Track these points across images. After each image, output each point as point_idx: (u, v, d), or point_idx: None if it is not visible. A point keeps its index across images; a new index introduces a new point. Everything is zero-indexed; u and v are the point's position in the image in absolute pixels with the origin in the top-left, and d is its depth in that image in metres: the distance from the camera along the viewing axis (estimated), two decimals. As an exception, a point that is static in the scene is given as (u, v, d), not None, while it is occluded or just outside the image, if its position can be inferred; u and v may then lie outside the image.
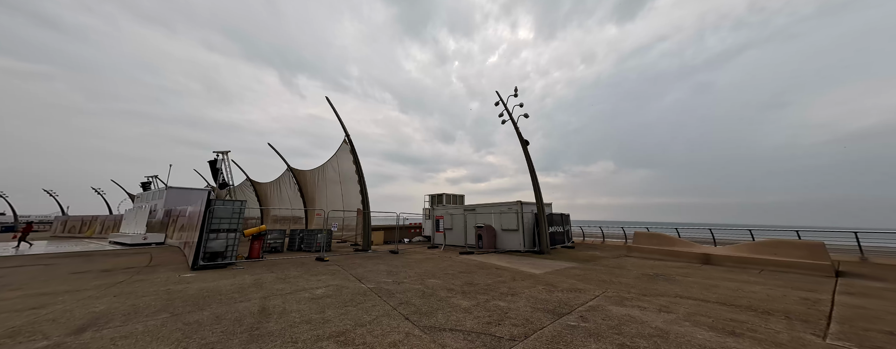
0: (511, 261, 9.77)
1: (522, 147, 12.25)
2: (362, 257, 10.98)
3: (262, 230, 10.48)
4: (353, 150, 14.21)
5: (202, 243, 8.61)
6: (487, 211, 14.43)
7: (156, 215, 17.71)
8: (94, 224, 26.33)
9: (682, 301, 4.77)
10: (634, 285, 5.95)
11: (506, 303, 4.68)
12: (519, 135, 12.28)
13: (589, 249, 13.35)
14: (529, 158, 12.15)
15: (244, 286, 6.16)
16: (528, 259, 10.17)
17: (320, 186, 18.62)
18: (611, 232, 16.90)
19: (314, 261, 10.07)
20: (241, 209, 9.56)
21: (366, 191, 14.27)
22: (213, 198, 9.20)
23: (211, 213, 9.02)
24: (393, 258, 10.64)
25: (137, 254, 12.77)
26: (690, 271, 7.40)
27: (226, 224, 9.27)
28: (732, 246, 8.49)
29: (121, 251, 13.72)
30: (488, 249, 12.96)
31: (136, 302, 4.93)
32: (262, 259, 10.20)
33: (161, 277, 7.17)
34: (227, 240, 9.17)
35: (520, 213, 12.69)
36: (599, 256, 10.56)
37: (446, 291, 5.57)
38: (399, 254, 12.18)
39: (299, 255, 11.46)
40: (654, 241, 10.06)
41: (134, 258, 11.18)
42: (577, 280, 6.53)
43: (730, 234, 12.51)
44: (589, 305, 4.55)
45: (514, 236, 12.82)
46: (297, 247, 14.04)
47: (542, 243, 11.73)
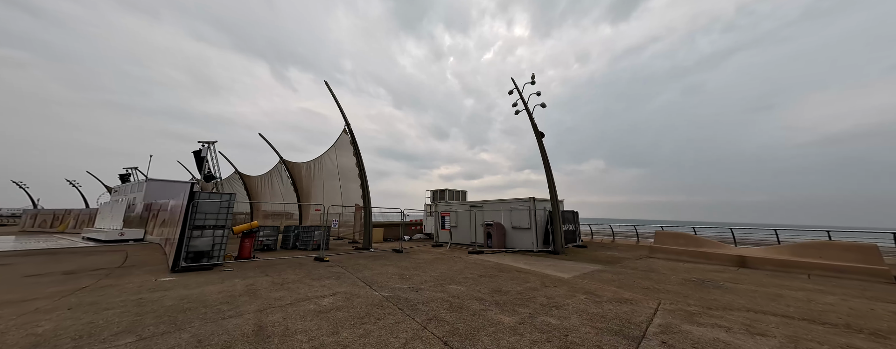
0: (528, 262, 9.04)
1: (537, 139, 11.47)
2: (365, 257, 10.08)
3: (254, 227, 9.44)
4: (353, 140, 13.17)
5: (184, 241, 7.55)
6: (496, 207, 13.66)
7: (134, 209, 16.30)
8: (67, 218, 24.51)
9: (762, 317, 4.07)
10: (687, 294, 5.25)
11: (557, 320, 3.88)
12: (534, 126, 11.49)
13: (602, 249, 12.76)
14: (544, 151, 11.39)
15: (235, 294, 5.20)
16: (546, 260, 9.45)
17: (317, 180, 17.51)
18: (619, 230, 16.41)
19: (313, 261, 9.11)
20: (230, 203, 8.50)
21: (367, 185, 13.29)
22: (197, 191, 8.12)
23: (195, 207, 7.94)
24: (399, 258, 9.77)
25: (112, 252, 11.53)
26: (734, 276, 6.78)
27: (212, 219, 8.21)
28: (770, 248, 7.96)
29: (93, 249, 12.42)
30: (498, 248, 12.22)
31: (94, 318, 3.94)
32: (254, 259, 9.19)
33: (134, 282, 6.12)
34: (213, 238, 8.13)
35: (532, 211, 11.97)
36: (620, 257, 9.93)
37: (476, 302, 4.76)
38: (404, 253, 11.32)
39: (295, 255, 10.47)
40: (678, 241, 9.48)
41: (106, 257, 9.98)
42: (617, 287, 5.81)
43: (748, 234, 12.13)
44: (658, 324, 3.79)
45: (525, 235, 12.11)
46: (291, 244, 13.00)
47: (556, 243, 11.04)
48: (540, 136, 11.38)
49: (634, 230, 14.79)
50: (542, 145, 11.40)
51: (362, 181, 13.31)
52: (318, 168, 17.12)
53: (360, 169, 13.29)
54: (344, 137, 13.78)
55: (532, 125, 11.49)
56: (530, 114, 11.55)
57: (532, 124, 11.49)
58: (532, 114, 11.48)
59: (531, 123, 11.51)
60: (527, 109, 11.63)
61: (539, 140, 11.42)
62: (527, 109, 11.63)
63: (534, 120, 11.49)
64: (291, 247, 12.95)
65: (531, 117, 11.55)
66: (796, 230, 12.11)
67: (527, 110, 11.64)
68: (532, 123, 11.49)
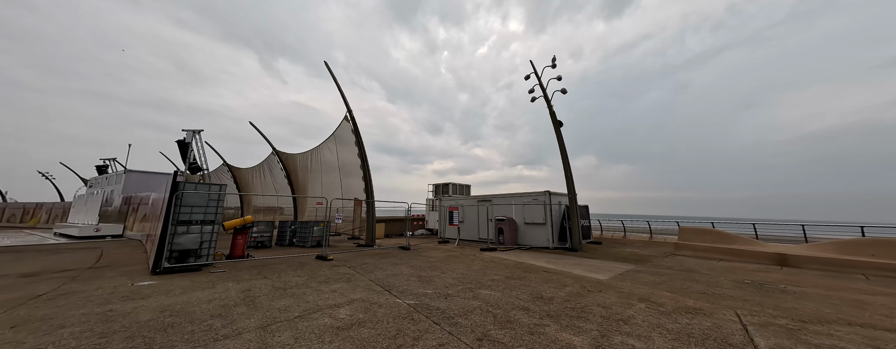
0: (550, 260, 8.37)
1: (555, 128, 10.71)
2: (371, 255, 9.24)
3: (248, 222, 8.46)
4: (355, 128, 12.16)
5: (167, 239, 6.55)
6: (507, 202, 12.95)
7: (112, 203, 14.96)
8: (39, 212, 22.76)
9: (877, 334, 3.42)
10: (758, 301, 4.62)
11: (640, 343, 3.15)
12: (552, 114, 10.71)
13: (618, 245, 12.23)
14: (562, 142, 10.65)
15: (229, 303, 4.31)
16: (567, 258, 8.81)
17: (313, 172, 16.43)
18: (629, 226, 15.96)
19: (315, 260, 8.23)
20: (220, 195, 7.50)
21: (369, 177, 12.37)
22: (181, 181, 7.08)
23: (178, 200, 6.92)
24: (409, 256, 8.97)
25: (85, 249, 10.36)
26: (786, 277, 6.22)
27: (199, 214, 7.21)
28: (812, 245, 7.49)
29: (64, 245, 11.20)
30: (510, 245, 11.55)
31: (42, 341, 3.02)
32: (248, 258, 8.24)
33: (105, 287, 5.15)
34: (201, 235, 7.15)
35: (548, 205, 11.29)
36: (646, 255, 9.36)
37: (523, 312, 4.01)
38: (411, 250, 10.52)
39: (293, 253, 9.54)
40: (705, 238, 8.95)
41: (78, 255, 8.86)
42: (669, 291, 5.15)
43: (769, 230, 11.76)
44: (767, 346, 3.10)
45: (540, 231, 11.45)
46: (288, 241, 12.03)
47: (574, 239, 10.41)
48: (558, 125, 10.63)
49: (647, 226, 14.33)
50: (561, 135, 10.66)
51: (365, 173, 12.37)
52: (316, 160, 16.04)
53: (363, 160, 12.33)
54: (345, 126, 12.74)
55: (550, 113, 10.71)
56: (549, 101, 10.75)
57: (550, 112, 10.71)
58: (551, 101, 10.68)
59: (549, 111, 10.73)
60: (545, 96, 10.82)
61: (557, 129, 10.67)
62: (545, 96, 10.82)
63: (552, 107, 10.70)
64: (288, 244, 11.99)
65: (549, 104, 10.76)
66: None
67: (545, 97, 10.83)
68: (550, 111, 10.71)
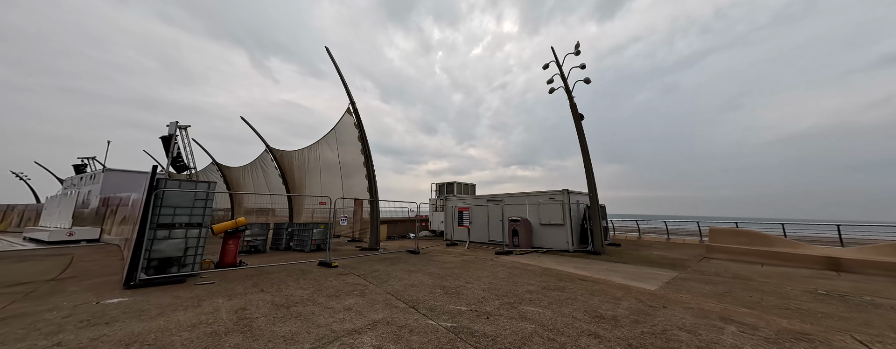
0: (578, 266, 7.61)
1: (575, 122, 9.98)
2: (378, 260, 8.35)
3: (241, 224, 7.48)
4: (358, 122, 11.24)
5: (144, 245, 5.56)
6: (520, 201, 12.18)
7: (88, 204, 13.68)
8: (9, 215, 21.09)
9: None
10: (859, 319, 3.92)
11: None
12: (573, 107, 9.97)
13: (639, 247, 11.57)
14: (583, 136, 9.93)
15: (219, 330, 3.40)
16: (596, 263, 8.07)
17: (312, 170, 15.40)
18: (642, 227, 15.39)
19: (318, 267, 7.30)
20: (209, 194, 6.52)
21: (374, 174, 11.47)
22: (162, 178, 6.09)
23: (158, 199, 5.93)
24: (421, 261, 8.11)
25: (54, 256, 9.19)
26: (856, 285, 5.57)
27: (184, 215, 6.22)
28: (865, 248, 6.92)
29: (31, 252, 9.98)
30: (526, 248, 10.78)
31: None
32: (242, 266, 7.25)
33: (63, 307, 4.16)
34: (185, 240, 6.16)
35: (566, 204, 10.56)
36: (678, 259, 8.69)
37: (594, 341, 3.20)
38: (421, 254, 9.66)
39: (292, 258, 8.58)
40: (740, 240, 8.32)
41: (42, 264, 7.74)
42: (746, 306, 4.43)
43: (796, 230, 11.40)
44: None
45: (557, 232, 10.71)
46: (284, 245, 11.04)
47: (596, 242, 9.69)
48: (579, 119, 9.90)
49: (664, 227, 13.74)
50: (582, 129, 9.93)
51: (369, 171, 11.46)
52: (314, 157, 15.01)
53: (367, 156, 11.42)
54: (347, 120, 11.80)
55: (571, 105, 9.97)
56: (570, 91, 9.99)
57: (571, 104, 9.97)
58: (572, 91, 9.93)
59: (570, 102, 9.98)
60: (566, 86, 10.05)
61: (578, 123, 9.94)
62: (566, 86, 10.05)
63: (573, 99, 9.96)
64: (285, 248, 11.00)
65: (570, 95, 9.99)
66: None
67: (566, 87, 10.06)
68: (571, 103, 9.96)
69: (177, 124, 6.64)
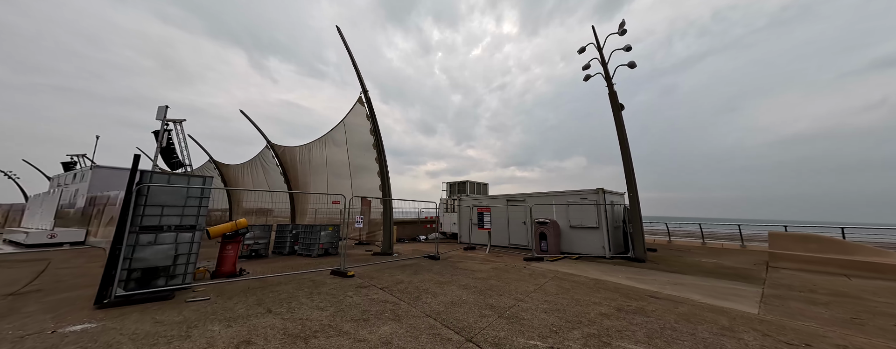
0: (630, 276, 6.60)
1: (614, 113, 8.98)
2: (397, 267, 7.32)
3: (242, 226, 6.44)
4: (371, 113, 10.21)
5: (123, 252, 4.51)
6: (546, 201, 11.16)
7: (74, 203, 12.58)
8: (-7, 213, 19.89)
9: None
10: None
11: None
12: (612, 96, 8.96)
13: (679, 253, 10.57)
14: (623, 129, 8.93)
15: (210, 383, 2.35)
16: (649, 273, 7.06)
17: (317, 168, 14.35)
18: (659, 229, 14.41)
19: (331, 276, 6.26)
20: (204, 191, 5.49)
21: (386, 172, 10.44)
22: (147, 171, 5.05)
23: (142, 197, 4.90)
24: (446, 270, 7.08)
25: (29, 261, 8.10)
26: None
27: (174, 216, 5.19)
28: None
29: (3, 257, 8.87)
30: (555, 253, 9.76)
31: None
32: (242, 275, 6.20)
33: (4, 338, 3.11)
34: (176, 246, 5.12)
35: (602, 205, 9.55)
36: (739, 268, 7.68)
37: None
38: (442, 260, 8.63)
39: (298, 265, 7.53)
40: (810, 247, 7.33)
41: (10, 272, 6.65)
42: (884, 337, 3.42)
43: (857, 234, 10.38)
44: None
45: (591, 236, 9.69)
46: (289, 249, 9.98)
47: (638, 248, 8.69)
48: (619, 109, 8.90)
49: (699, 229, 12.74)
50: (621, 120, 8.93)
51: (381, 167, 10.44)
52: (320, 153, 13.98)
53: (379, 151, 10.39)
54: (358, 110, 10.77)
55: (611, 94, 8.95)
56: (610, 78, 8.95)
57: (611, 92, 8.95)
58: (612, 78, 8.90)
59: (609, 90, 8.96)
60: (605, 72, 8.99)
61: (617, 113, 8.94)
62: (605, 72, 8.99)
63: (613, 87, 8.93)
64: (289, 253, 9.94)
65: (610, 82, 8.95)
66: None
67: (605, 73, 9.00)
68: (611, 91, 8.94)
69: (167, 108, 5.62)
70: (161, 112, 5.72)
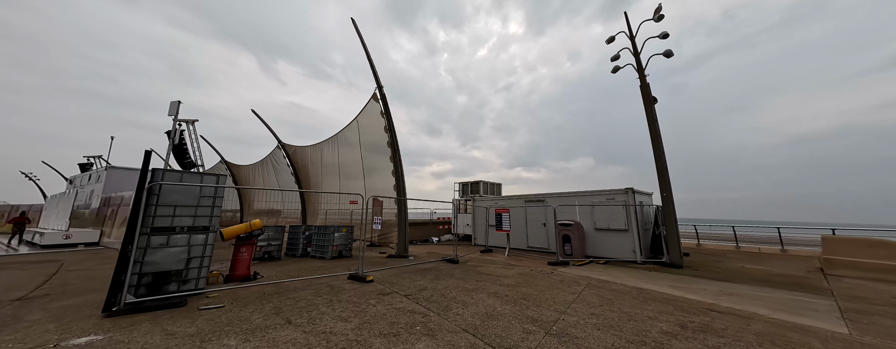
0: (673, 284, 6.03)
1: (646, 106, 8.40)
2: (416, 271, 6.90)
3: (256, 228, 6.11)
4: (386, 109, 9.85)
5: (133, 256, 4.19)
6: (568, 202, 10.60)
7: (89, 204, 12.57)
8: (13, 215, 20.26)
9: None
10: None
11: None
12: (645, 88, 8.38)
13: (716, 258, 9.89)
14: (655, 124, 8.33)
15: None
16: (691, 280, 6.48)
17: (329, 167, 14.08)
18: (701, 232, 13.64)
19: (349, 281, 5.87)
20: (218, 190, 5.17)
21: (401, 171, 10.06)
22: (158, 169, 4.75)
23: (154, 196, 4.60)
24: (468, 274, 6.62)
25: (41, 263, 7.97)
26: None
27: (187, 216, 4.88)
28: None
29: (17, 259, 8.79)
30: (580, 257, 9.19)
31: None
32: (256, 280, 5.87)
33: (0, 355, 2.79)
34: (188, 249, 4.81)
35: (632, 206, 8.96)
36: (789, 275, 7.03)
37: None
38: (461, 264, 8.18)
39: (314, 269, 7.17)
40: (880, 253, 6.60)
41: (22, 275, 6.47)
42: None
43: None
44: None
45: (620, 239, 9.10)
46: (302, 251, 9.66)
47: (674, 252, 8.07)
48: (651, 102, 8.31)
49: (733, 232, 11.96)
50: (654, 114, 8.34)
51: (396, 166, 10.05)
52: (331, 152, 13.71)
53: (394, 149, 10.01)
54: (370, 109, 10.43)
55: (642, 85, 8.35)
56: (642, 69, 8.35)
57: (643, 84, 8.35)
58: (645, 68, 8.31)
59: (641, 83, 8.36)
60: (637, 62, 8.37)
61: (649, 107, 8.35)
62: (637, 62, 8.37)
63: (646, 78, 8.34)
64: (302, 255, 9.63)
65: (643, 74, 8.35)
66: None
67: (637, 63, 8.38)
68: (643, 83, 8.34)
69: (179, 104, 5.37)
70: (173, 107, 5.47)
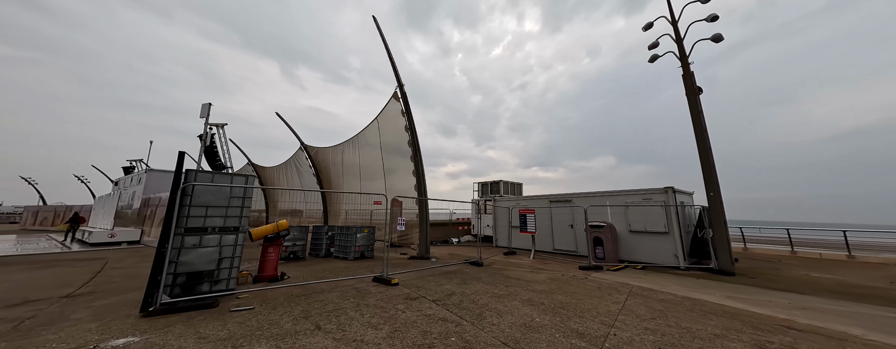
0: (733, 295, 5.40)
1: (690, 97, 7.70)
2: (439, 274, 6.65)
3: (282, 228, 6.11)
4: (407, 109, 9.71)
5: (168, 256, 4.23)
6: (599, 202, 9.99)
7: (131, 204, 13.37)
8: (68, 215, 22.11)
9: None
10: None
11: None
12: (688, 77, 7.68)
13: (772, 264, 8.95)
14: (699, 116, 7.61)
15: None
16: (753, 291, 5.80)
17: (350, 168, 14.20)
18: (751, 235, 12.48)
19: (374, 283, 5.72)
20: (247, 190, 5.18)
21: (422, 170, 9.87)
22: (191, 170, 4.82)
23: (187, 196, 4.65)
24: (496, 279, 6.29)
25: (88, 261, 8.46)
26: None
27: (218, 217, 4.91)
28: None
29: (66, 256, 9.41)
30: (614, 262, 8.59)
31: None
32: (283, 281, 5.85)
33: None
34: (219, 249, 4.83)
35: (673, 207, 8.27)
36: (873, 287, 6.15)
37: None
38: (486, 267, 7.85)
39: (337, 270, 7.11)
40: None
41: (71, 272, 6.85)
42: None
43: None
44: None
45: (658, 243, 8.42)
46: (325, 251, 9.71)
47: (723, 257, 7.32)
48: (695, 93, 7.61)
49: (787, 235, 10.82)
50: (698, 106, 7.63)
51: (417, 166, 9.89)
52: (352, 153, 13.81)
53: (414, 148, 9.85)
54: (393, 107, 10.33)
55: (685, 74, 7.66)
56: (685, 56, 7.64)
57: (685, 73, 7.66)
58: (689, 56, 7.61)
59: (684, 71, 7.67)
60: (680, 49, 7.66)
61: (693, 98, 7.65)
62: (680, 49, 7.66)
63: (690, 67, 7.64)
64: (325, 255, 9.67)
65: (685, 61, 7.66)
66: None
67: (680, 50, 7.67)
68: (685, 71, 7.65)
69: (210, 106, 5.49)
70: (205, 110, 5.59)
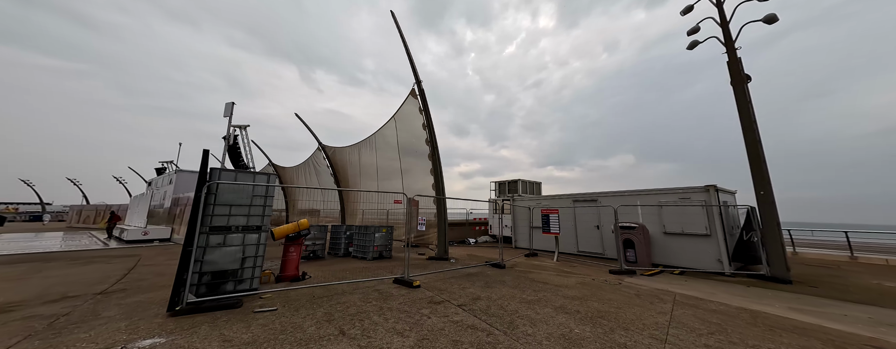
0: (796, 306, 4.80)
1: (736, 86, 7.00)
2: (461, 276, 6.37)
3: (303, 227, 6.05)
4: (425, 106, 9.51)
5: (193, 255, 4.20)
6: (629, 202, 9.37)
7: (163, 204, 14.00)
8: (107, 213, 23.63)
9: None
10: None
11: None
12: (734, 63, 6.99)
13: (830, 272, 8.06)
14: (747, 107, 6.90)
15: None
16: (813, 301, 5.16)
17: (367, 167, 14.21)
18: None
19: (394, 285, 5.53)
20: (269, 189, 5.12)
21: (440, 169, 9.64)
22: (215, 168, 4.80)
23: (211, 194, 4.63)
24: (522, 282, 5.93)
25: (122, 258, 8.82)
26: None
27: (241, 216, 4.87)
28: None
29: (103, 253, 9.88)
30: (647, 266, 7.99)
31: None
32: (305, 281, 5.78)
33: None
34: (243, 248, 4.79)
35: (715, 207, 7.58)
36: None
37: None
38: (508, 269, 7.50)
39: (357, 270, 6.99)
40: None
41: (105, 268, 7.12)
42: None
43: None
44: None
45: (698, 246, 7.76)
46: (343, 251, 9.68)
47: (777, 263, 6.59)
48: (744, 81, 6.91)
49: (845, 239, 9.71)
50: (747, 96, 6.92)
51: (434, 163, 9.67)
52: (368, 153, 13.81)
53: (433, 146, 9.63)
54: (411, 104, 10.17)
55: (730, 61, 6.99)
56: (731, 41, 6.97)
57: (731, 59, 6.99)
58: (734, 41, 6.94)
59: (729, 58, 6.99)
60: (725, 33, 6.97)
61: (739, 87, 6.96)
62: (725, 33, 6.97)
63: (736, 53, 6.96)
64: (344, 255, 9.63)
65: (731, 47, 6.99)
66: None
67: (725, 35, 6.98)
68: (731, 57, 6.98)
69: (233, 104, 5.52)
70: (228, 108, 5.63)
